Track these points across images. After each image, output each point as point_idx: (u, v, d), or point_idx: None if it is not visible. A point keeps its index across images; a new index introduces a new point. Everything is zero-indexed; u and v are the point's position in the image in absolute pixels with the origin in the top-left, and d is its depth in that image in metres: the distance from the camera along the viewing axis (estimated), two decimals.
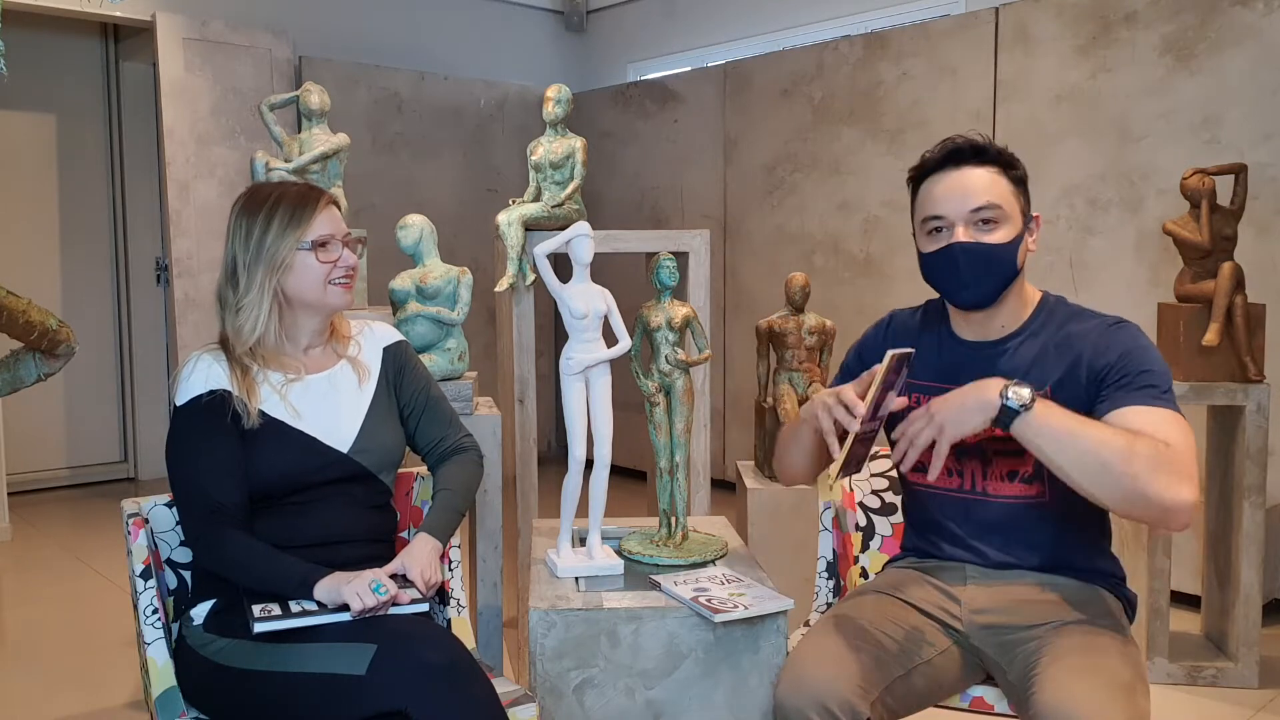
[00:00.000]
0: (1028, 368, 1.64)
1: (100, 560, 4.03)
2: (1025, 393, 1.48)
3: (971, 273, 1.63)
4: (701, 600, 1.70)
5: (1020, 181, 1.66)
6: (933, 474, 1.55)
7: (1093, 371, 1.60)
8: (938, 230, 1.66)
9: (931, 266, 1.68)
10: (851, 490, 2.09)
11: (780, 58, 4.73)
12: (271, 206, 1.69)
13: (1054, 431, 1.47)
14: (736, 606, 1.68)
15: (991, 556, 1.70)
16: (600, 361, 1.89)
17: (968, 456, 1.69)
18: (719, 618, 1.65)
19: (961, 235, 1.62)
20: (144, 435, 5.50)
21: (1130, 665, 1.49)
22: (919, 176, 1.71)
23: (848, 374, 1.84)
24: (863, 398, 1.56)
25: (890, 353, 1.54)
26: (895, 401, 1.62)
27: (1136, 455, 1.44)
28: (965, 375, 1.68)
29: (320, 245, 1.70)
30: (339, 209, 1.77)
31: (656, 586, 1.79)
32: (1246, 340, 2.76)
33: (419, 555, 1.68)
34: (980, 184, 1.63)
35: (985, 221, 1.62)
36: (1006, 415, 1.48)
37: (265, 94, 4.68)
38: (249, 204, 1.71)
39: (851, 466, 1.58)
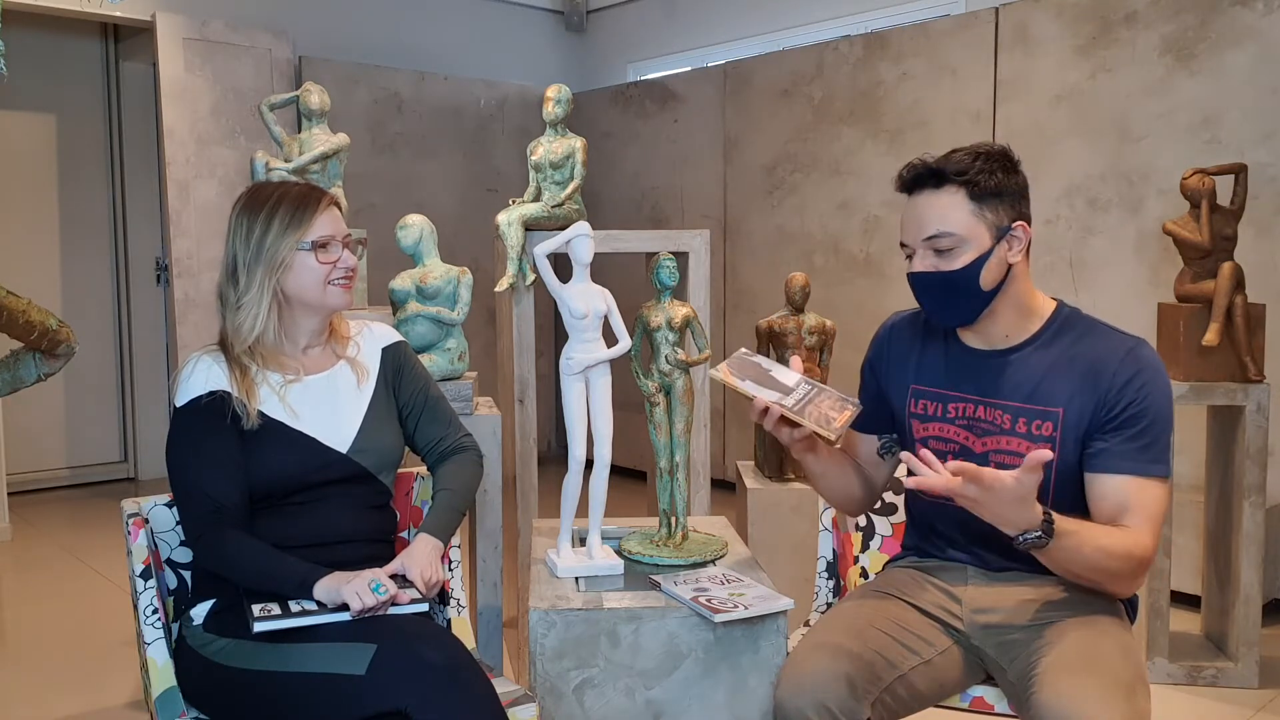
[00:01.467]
0: (1039, 379, 1.63)
1: (100, 560, 4.03)
2: (1039, 545, 1.49)
3: (932, 299, 1.66)
4: (701, 600, 1.70)
5: (989, 196, 1.60)
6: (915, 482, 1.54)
7: (1101, 403, 1.59)
8: (908, 257, 1.67)
9: (911, 290, 1.70)
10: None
11: (780, 58, 4.73)
12: (273, 206, 1.69)
13: (1055, 561, 1.53)
14: (736, 606, 1.68)
15: (992, 562, 1.70)
16: (600, 361, 1.89)
17: None
18: (719, 618, 1.65)
19: (918, 264, 1.63)
20: (144, 435, 5.50)
21: (1130, 665, 1.50)
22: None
23: (865, 389, 1.87)
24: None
25: (728, 366, 1.72)
26: (793, 365, 1.73)
27: (1117, 575, 1.55)
28: (972, 382, 1.68)
29: (320, 246, 1.70)
30: (340, 210, 1.77)
31: (656, 586, 1.79)
32: (1246, 340, 2.76)
33: (419, 555, 1.68)
34: (933, 212, 1.61)
35: (939, 250, 1.61)
36: (1022, 544, 1.50)
37: (265, 94, 4.68)
38: (250, 203, 1.71)
39: (826, 425, 1.64)
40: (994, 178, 1.60)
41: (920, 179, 1.63)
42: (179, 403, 1.68)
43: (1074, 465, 1.61)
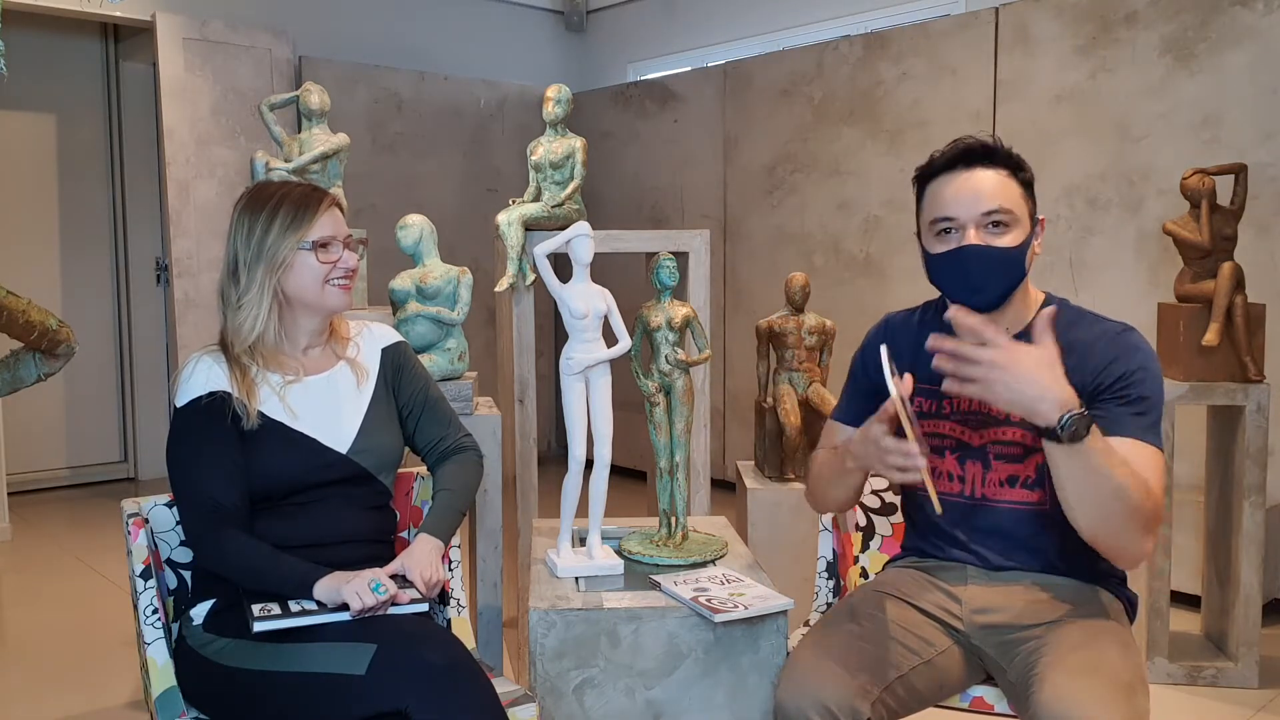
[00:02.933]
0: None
1: (100, 560, 4.03)
2: (1082, 431, 1.40)
3: (982, 276, 1.61)
4: (701, 600, 1.70)
5: (1028, 184, 1.65)
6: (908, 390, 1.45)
7: (1093, 379, 1.58)
8: (947, 232, 1.63)
9: (940, 268, 1.65)
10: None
11: (780, 58, 4.73)
12: (274, 206, 1.69)
13: (1087, 469, 1.43)
14: (736, 606, 1.68)
15: (992, 560, 1.70)
16: (600, 361, 1.89)
17: (970, 460, 1.69)
18: (719, 618, 1.65)
19: (973, 238, 1.60)
20: (144, 435, 5.50)
21: (1130, 665, 1.49)
22: (926, 175, 1.68)
23: (855, 383, 1.86)
24: (897, 432, 1.52)
25: (898, 390, 1.50)
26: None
27: (1139, 510, 1.45)
28: None
29: (321, 246, 1.70)
30: (341, 210, 1.77)
31: (656, 586, 1.79)
32: (1246, 340, 2.76)
33: (419, 556, 1.68)
34: (991, 186, 1.61)
35: (996, 224, 1.60)
36: (1051, 435, 1.42)
37: (265, 94, 4.68)
38: (252, 202, 1.71)
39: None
40: (1028, 170, 1.65)
41: (972, 154, 1.63)
42: (179, 403, 1.68)
43: None
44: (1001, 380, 1.41)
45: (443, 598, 1.89)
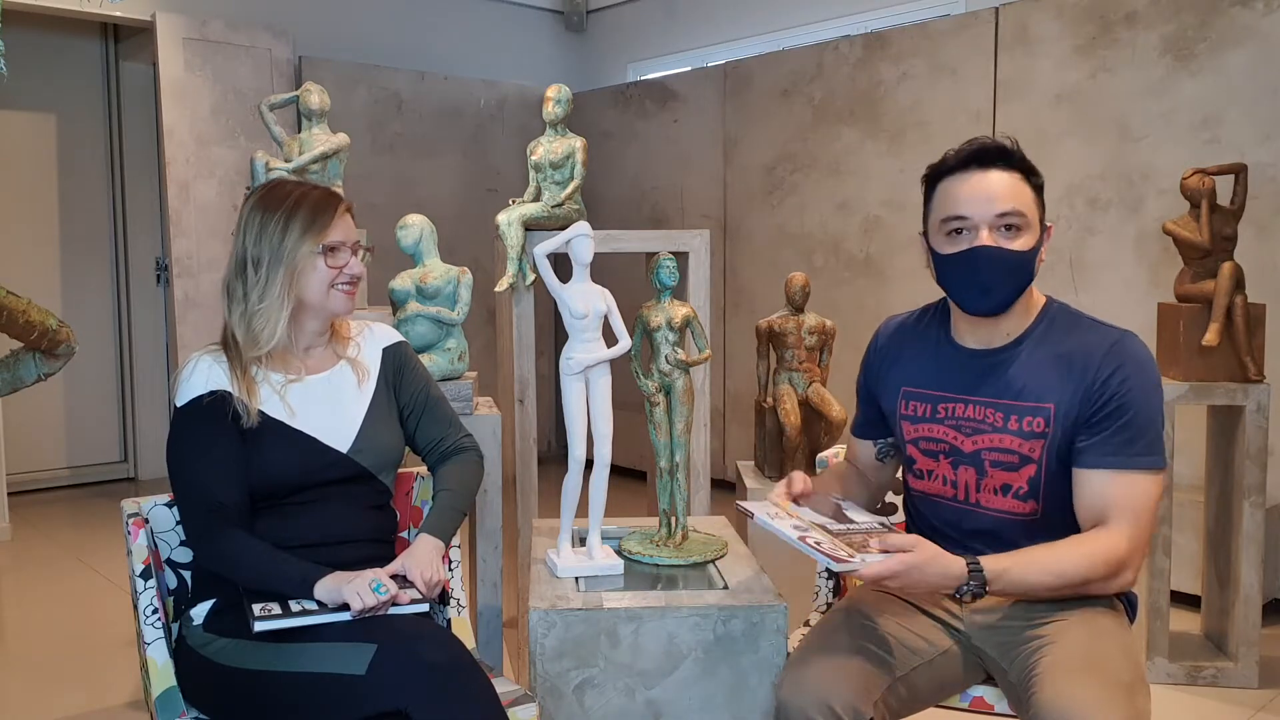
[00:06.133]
0: (1029, 376, 1.63)
1: (100, 560, 4.03)
2: (980, 586, 1.51)
3: (992, 278, 1.60)
4: (810, 542, 1.58)
5: (1039, 189, 1.63)
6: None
7: (1086, 397, 1.58)
8: (959, 232, 1.61)
9: (950, 269, 1.63)
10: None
11: (780, 58, 4.73)
12: (291, 207, 1.68)
13: (1016, 591, 1.58)
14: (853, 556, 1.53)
15: None
16: (600, 361, 1.89)
17: (963, 465, 1.69)
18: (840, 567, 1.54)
19: (986, 239, 1.58)
20: (144, 435, 5.50)
21: (1130, 665, 1.50)
22: (938, 174, 1.66)
23: (861, 398, 1.89)
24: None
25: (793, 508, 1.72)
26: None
27: (1091, 579, 1.55)
28: (961, 381, 1.68)
29: (330, 250, 1.70)
30: (351, 215, 1.77)
31: (750, 515, 1.67)
32: (1246, 340, 2.76)
33: (420, 556, 1.68)
34: (1005, 189, 1.59)
35: (1009, 227, 1.59)
36: (965, 597, 1.52)
37: (265, 94, 4.68)
38: (267, 199, 1.70)
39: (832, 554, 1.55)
40: (1039, 175, 1.64)
41: (987, 155, 1.61)
42: (179, 402, 1.68)
43: (1066, 461, 1.61)
44: (909, 583, 1.51)
45: (443, 598, 1.89)
